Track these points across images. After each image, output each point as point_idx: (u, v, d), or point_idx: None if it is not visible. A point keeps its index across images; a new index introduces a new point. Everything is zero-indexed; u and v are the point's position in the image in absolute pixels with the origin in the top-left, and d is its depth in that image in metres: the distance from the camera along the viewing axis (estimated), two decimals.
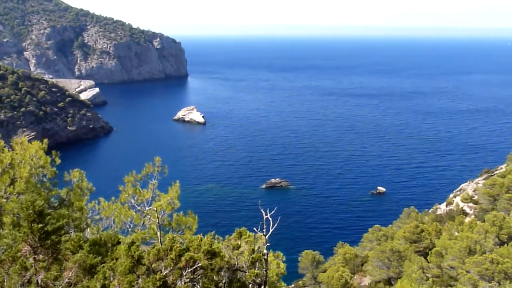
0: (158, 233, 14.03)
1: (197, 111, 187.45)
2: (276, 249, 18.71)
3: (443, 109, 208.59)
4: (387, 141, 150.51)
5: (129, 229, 18.18)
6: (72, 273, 10.65)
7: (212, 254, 10.94)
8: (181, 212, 18.02)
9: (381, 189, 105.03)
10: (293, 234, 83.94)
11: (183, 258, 10.14)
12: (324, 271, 49.76)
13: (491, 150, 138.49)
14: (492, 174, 72.02)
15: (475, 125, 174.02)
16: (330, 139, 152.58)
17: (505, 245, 43.22)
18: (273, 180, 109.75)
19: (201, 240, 11.24)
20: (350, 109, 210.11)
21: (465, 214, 62.86)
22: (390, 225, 63.50)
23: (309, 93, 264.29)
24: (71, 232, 15.07)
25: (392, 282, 45.73)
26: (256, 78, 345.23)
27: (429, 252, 46.39)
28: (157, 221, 14.58)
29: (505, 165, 74.23)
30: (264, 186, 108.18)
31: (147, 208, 18.35)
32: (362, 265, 53.15)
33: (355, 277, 51.42)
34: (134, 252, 9.96)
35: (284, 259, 17.50)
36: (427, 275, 43.15)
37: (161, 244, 12.06)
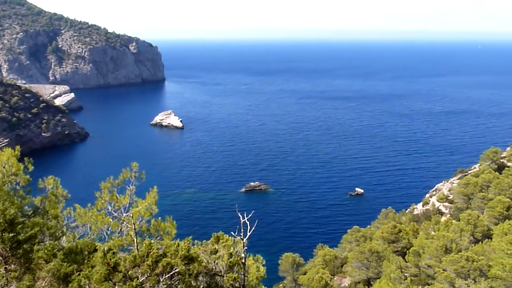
0: (135, 240, 13.82)
1: (174, 115, 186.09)
2: (256, 252, 18.68)
3: (419, 111, 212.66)
4: (364, 143, 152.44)
5: (106, 236, 17.88)
6: (45, 282, 10.36)
7: (189, 259, 10.81)
8: (159, 217, 17.81)
9: (359, 190, 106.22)
10: (273, 237, 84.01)
11: (160, 264, 9.98)
12: (305, 273, 49.92)
13: (465, 150, 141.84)
14: (466, 173, 73.72)
15: (450, 127, 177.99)
16: (308, 142, 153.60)
17: (480, 243, 44.23)
18: (252, 183, 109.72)
19: (178, 245, 11.10)
20: (327, 112, 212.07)
21: (441, 213, 64.11)
22: (369, 226, 64.27)
23: (287, 96, 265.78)
24: (46, 241, 14.70)
25: (372, 283, 46.19)
26: (234, 82, 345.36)
27: (407, 251, 47.10)
28: (133, 227, 14.36)
29: (478, 164, 76.07)
30: (243, 189, 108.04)
31: (124, 214, 18.07)
32: (342, 266, 53.54)
33: (335, 278, 51.76)
34: (110, 259, 9.75)
35: (264, 263, 17.47)
36: (405, 274, 43.77)
37: (138, 251, 11.87)
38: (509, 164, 71.68)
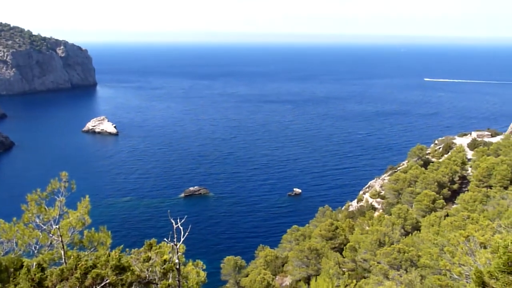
0: (62, 252, 13.12)
1: (108, 121, 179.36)
2: (197, 257, 18.49)
3: (353, 113, 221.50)
4: (301, 145, 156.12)
5: (35, 251, 16.87)
6: None
7: (121, 269, 10.41)
8: (93, 228, 17.09)
9: (297, 190, 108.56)
10: (214, 241, 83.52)
11: (89, 276, 9.51)
12: (247, 276, 50.11)
13: (395, 148, 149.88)
14: (396, 170, 77.87)
15: (381, 127, 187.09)
16: (247, 145, 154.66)
17: (410, 235, 46.90)
18: (191, 188, 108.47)
19: (109, 255, 10.66)
20: (265, 115, 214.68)
21: (374, 209, 67.16)
22: (307, 225, 65.78)
23: (225, 100, 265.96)
24: None
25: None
26: (170, 86, 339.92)
27: (344, 247, 48.83)
28: (61, 240, 13.63)
29: (406, 161, 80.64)
30: (182, 195, 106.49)
31: (54, 227, 17.15)
32: (283, 265, 54.38)
33: (276, 278, 52.44)
34: (35, 274, 9.13)
35: (204, 267, 17.32)
36: (343, 269, 45.33)
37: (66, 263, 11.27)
38: (433, 159, 76.69)
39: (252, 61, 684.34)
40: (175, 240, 13.42)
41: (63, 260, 13.20)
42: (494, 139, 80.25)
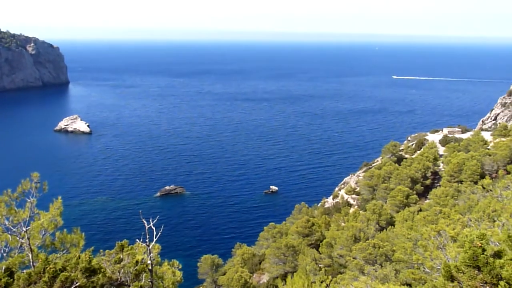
0: (30, 255, 12.81)
1: (81, 120, 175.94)
2: (173, 257, 18.35)
3: (328, 111, 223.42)
4: (278, 142, 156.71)
5: (4, 254, 16.43)
6: None
7: (91, 271, 10.21)
8: (65, 229, 16.74)
9: (274, 188, 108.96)
10: (191, 240, 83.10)
11: (58, 280, 9.29)
12: (224, 274, 50.07)
13: (370, 145, 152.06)
14: (370, 166, 79.09)
15: (355, 124, 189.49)
16: (224, 144, 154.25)
17: (384, 230, 47.72)
18: (167, 187, 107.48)
19: (78, 257, 10.43)
20: (241, 113, 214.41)
21: (350, 205, 68.06)
22: (284, 222, 66.18)
23: (200, 98, 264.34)
24: None
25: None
26: (145, 84, 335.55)
27: (320, 244, 49.32)
28: (28, 242, 13.31)
29: (380, 158, 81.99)
30: (158, 194, 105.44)
31: (24, 229, 16.72)
32: (260, 263, 54.55)
33: (254, 276, 52.58)
34: (1, 279, 8.86)
35: (180, 267, 17.21)
36: (319, 266, 45.79)
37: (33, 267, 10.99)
38: (406, 156, 78.24)
39: (228, 59, 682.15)
40: (147, 240, 13.28)
41: (31, 263, 12.87)
42: (465, 135, 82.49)
